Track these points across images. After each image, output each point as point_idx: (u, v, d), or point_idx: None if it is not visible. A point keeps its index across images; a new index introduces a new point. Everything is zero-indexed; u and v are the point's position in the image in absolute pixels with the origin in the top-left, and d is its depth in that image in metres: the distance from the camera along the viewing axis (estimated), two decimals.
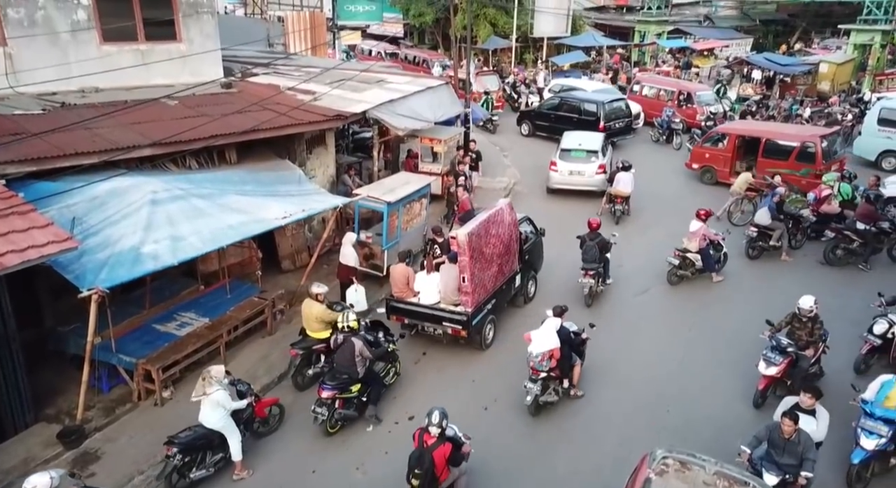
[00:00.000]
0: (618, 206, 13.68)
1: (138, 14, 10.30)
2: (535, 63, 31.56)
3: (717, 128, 16.61)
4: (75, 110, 8.96)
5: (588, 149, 15.31)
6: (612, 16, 41.56)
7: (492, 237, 8.82)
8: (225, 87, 11.14)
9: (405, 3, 32.25)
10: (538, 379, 7.50)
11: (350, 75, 13.39)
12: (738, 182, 13.41)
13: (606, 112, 18.54)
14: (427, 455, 5.68)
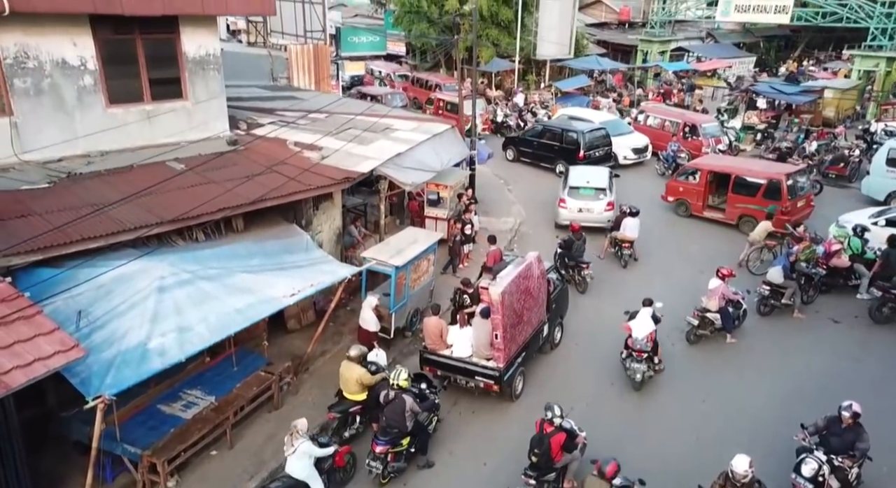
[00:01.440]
0: (625, 251, 13.87)
1: (144, 75, 10.18)
2: (537, 85, 31.53)
3: (690, 164, 17.01)
4: (81, 180, 8.84)
5: (597, 187, 15.61)
6: (613, 33, 41.60)
7: (522, 292, 9.14)
8: (231, 144, 11.02)
9: (407, 23, 32.18)
10: (643, 360, 9.44)
11: (355, 121, 13.28)
12: (758, 230, 13.37)
13: (587, 141, 19.13)
14: (545, 439, 7.12)
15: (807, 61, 39.50)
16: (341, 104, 15.90)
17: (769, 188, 14.89)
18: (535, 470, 7.18)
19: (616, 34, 40.83)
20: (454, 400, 9.33)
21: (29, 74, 8.97)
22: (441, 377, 9.29)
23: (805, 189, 15.45)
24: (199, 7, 10.07)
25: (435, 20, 31.49)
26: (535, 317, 9.71)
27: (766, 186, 14.93)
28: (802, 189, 15.31)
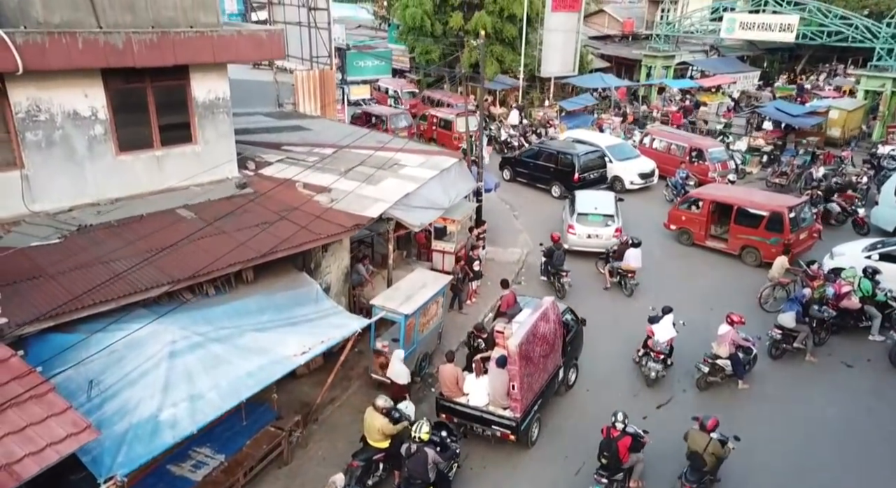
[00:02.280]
0: (630, 281, 14.16)
1: (154, 121, 10.17)
2: (541, 102, 31.51)
3: (692, 193, 16.96)
4: (91, 234, 8.82)
5: (604, 214, 15.92)
6: (617, 47, 41.56)
7: (539, 340, 9.21)
8: (240, 188, 11.00)
9: (411, 40, 32.21)
10: (659, 361, 10.72)
11: (363, 156, 13.26)
12: (776, 266, 13.32)
13: (581, 164, 19.40)
14: (613, 443, 8.04)
15: (815, 76, 39.29)
16: (348, 135, 15.90)
17: (771, 220, 14.87)
18: (606, 470, 8.12)
19: (619, 48, 40.80)
20: (466, 453, 9.27)
21: (40, 127, 8.96)
22: (458, 424, 9.39)
23: (808, 220, 15.39)
24: (209, 56, 10.06)
25: (439, 37, 31.55)
26: (551, 363, 9.82)
27: (769, 218, 14.92)
28: (805, 220, 15.27)
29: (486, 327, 10.76)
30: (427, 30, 30.59)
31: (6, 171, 8.81)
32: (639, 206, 19.46)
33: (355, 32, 40.05)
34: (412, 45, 32.43)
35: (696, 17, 33.63)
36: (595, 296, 14.15)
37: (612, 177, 20.47)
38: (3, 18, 8.26)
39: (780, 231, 14.67)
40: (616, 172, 20.43)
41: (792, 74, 40.93)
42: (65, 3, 8.80)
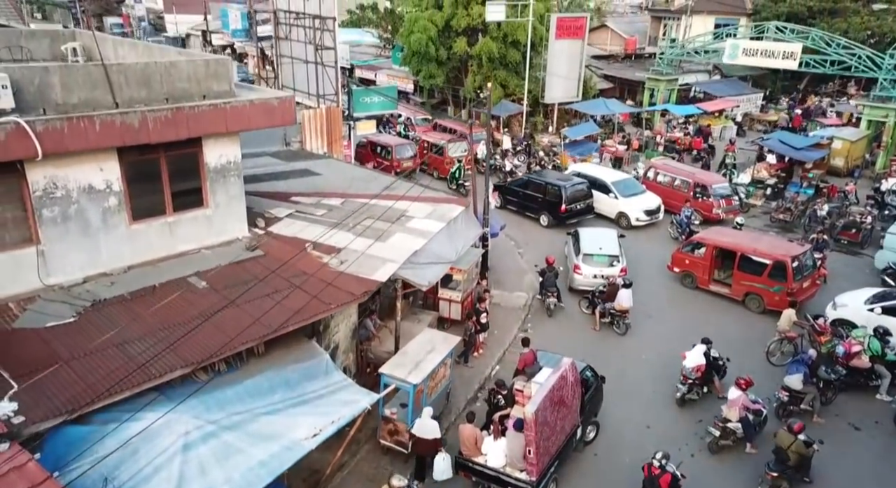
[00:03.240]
0: (623, 321, 14.68)
1: (167, 189, 10.30)
2: (545, 127, 31.64)
3: (695, 237, 17.03)
4: (105, 309, 8.93)
5: (609, 254, 16.27)
6: (620, 67, 41.65)
7: (556, 403, 9.44)
8: (249, 250, 11.11)
9: (415, 64, 32.38)
10: (686, 384, 11.83)
11: (370, 207, 13.37)
12: (783, 320, 13.40)
13: (568, 195, 19.97)
14: (655, 480, 8.94)
15: (818, 98, 39.27)
16: (355, 180, 16.06)
17: (774, 268, 14.95)
18: None
19: (622, 68, 40.91)
20: None
21: (57, 203, 9.09)
22: (475, 483, 9.72)
23: (811, 268, 15.48)
24: (222, 127, 10.21)
25: (443, 61, 31.73)
26: (569, 424, 10.06)
27: (772, 267, 14.98)
28: (808, 268, 15.36)
29: (506, 384, 10.90)
30: (432, 55, 30.76)
31: (23, 248, 8.94)
32: (643, 244, 19.56)
33: (358, 50, 40.22)
34: (416, 68, 32.61)
35: (698, 43, 33.72)
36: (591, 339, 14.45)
37: (618, 213, 20.58)
38: (23, 103, 8.39)
39: (784, 280, 14.76)
40: (621, 208, 20.52)
41: (796, 95, 40.93)
42: (83, 84, 8.94)
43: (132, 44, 12.56)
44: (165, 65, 9.79)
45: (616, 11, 75.98)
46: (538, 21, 29.91)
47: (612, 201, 20.65)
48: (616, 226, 20.03)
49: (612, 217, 20.72)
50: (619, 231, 18.54)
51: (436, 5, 30.45)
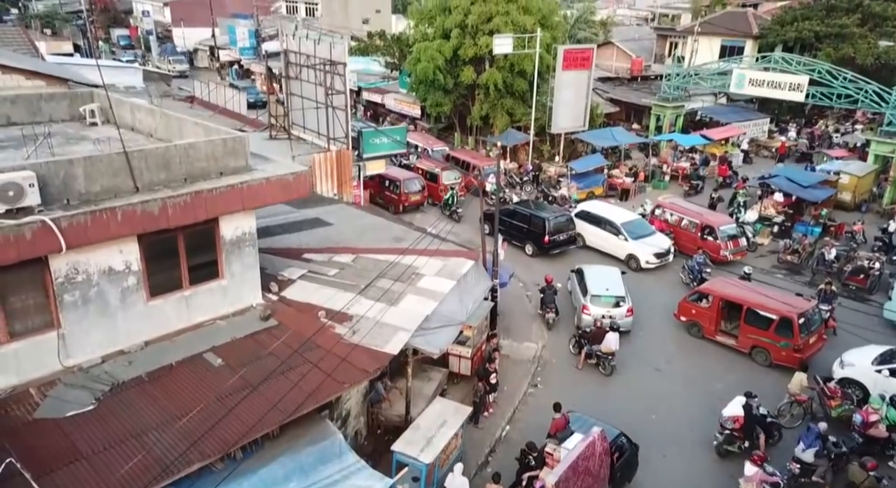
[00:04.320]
0: (610, 362, 15.25)
1: (184, 264, 10.46)
2: (551, 156, 31.75)
3: (701, 288, 17.11)
4: (123, 393, 9.08)
5: (616, 295, 16.89)
6: (625, 90, 41.73)
7: (581, 473, 9.60)
8: (264, 320, 11.26)
9: (423, 93, 32.58)
10: (723, 433, 12.31)
11: (381, 262, 13.54)
12: (794, 383, 13.49)
13: (551, 227, 20.96)
14: None
15: (825, 123, 39.24)
16: (366, 231, 16.24)
17: (781, 324, 15.03)
18: None
19: (628, 92, 41.01)
20: None
21: (77, 287, 9.25)
22: None
23: (818, 323, 15.55)
24: (239, 206, 10.38)
25: (450, 90, 31.92)
26: None
27: (778, 322, 15.07)
28: (815, 323, 15.43)
29: (537, 446, 11.08)
30: (439, 83, 30.95)
31: (44, 333, 9.10)
32: (652, 286, 19.64)
33: (364, 75, 40.39)
34: (423, 96, 32.82)
35: (704, 72, 33.82)
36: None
37: (628, 255, 20.66)
38: (48, 196, 8.58)
39: (790, 335, 14.84)
40: (631, 250, 20.58)
41: (800, 121, 40.88)
42: (105, 172, 9.13)
43: (149, 110, 12.74)
44: (184, 146, 9.98)
45: (623, 23, 76.38)
46: (545, 50, 30.08)
47: (622, 243, 20.74)
48: (626, 268, 20.15)
49: (622, 258, 20.80)
50: (622, 268, 19.02)
51: (443, 35, 30.66)
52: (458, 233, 21.43)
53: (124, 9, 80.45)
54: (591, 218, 21.84)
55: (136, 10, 75.41)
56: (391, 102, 37.23)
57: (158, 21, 70.29)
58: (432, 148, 30.40)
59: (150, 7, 72.04)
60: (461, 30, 30.12)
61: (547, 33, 30.78)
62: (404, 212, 25.15)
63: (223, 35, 57.89)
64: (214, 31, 58.49)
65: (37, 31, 63.25)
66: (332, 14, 64.44)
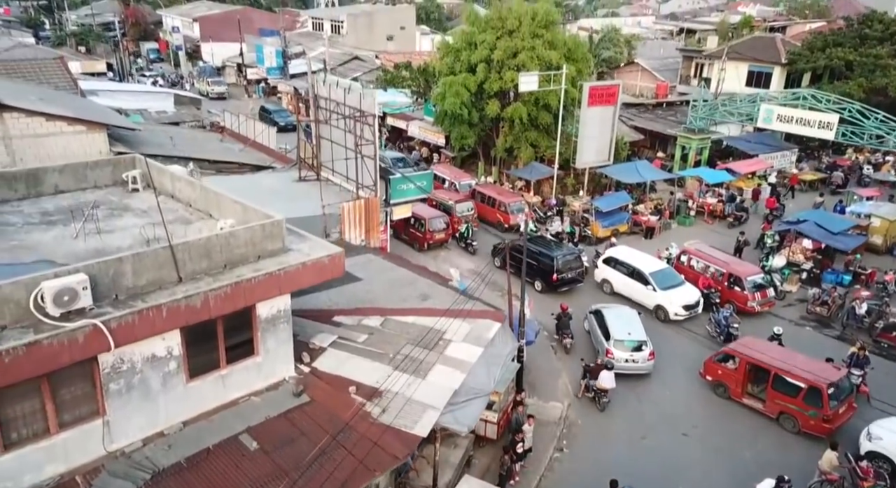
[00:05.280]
0: (603, 399, 16.24)
1: (222, 345, 10.76)
2: (575, 190, 31.72)
3: (727, 349, 16.94)
4: (164, 483, 9.39)
5: (639, 340, 17.47)
6: (650, 119, 41.35)
7: None
8: (296, 395, 11.52)
9: (447, 126, 32.82)
10: None
11: (408, 327, 13.74)
12: (824, 461, 13.37)
13: (559, 265, 21.52)
14: None
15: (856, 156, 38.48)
16: (394, 285, 16.48)
17: (810, 392, 14.85)
18: None
19: (653, 121, 40.68)
20: None
21: (122, 376, 9.59)
22: None
23: (848, 392, 15.35)
24: (276, 291, 10.68)
25: (475, 123, 32.11)
26: None
27: (807, 391, 14.90)
28: (845, 392, 15.24)
29: None
30: (464, 118, 31.17)
31: (90, 421, 9.45)
32: (678, 339, 19.53)
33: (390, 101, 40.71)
34: (448, 128, 33.07)
35: (731, 107, 33.54)
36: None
37: (655, 306, 20.56)
38: (98, 293, 8.94)
39: (819, 405, 14.65)
40: (659, 301, 20.46)
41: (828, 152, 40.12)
42: (151, 266, 9.49)
43: (189, 182, 13.13)
44: (225, 236, 10.31)
45: (647, 36, 75.83)
46: (570, 84, 30.12)
47: (650, 293, 20.61)
48: (654, 319, 20.14)
49: (650, 308, 20.69)
50: (638, 309, 19.53)
51: (469, 69, 30.88)
52: (470, 263, 23.29)
53: (154, 20, 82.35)
54: (619, 265, 21.77)
55: (167, 24, 77.16)
56: (415, 130, 37.55)
57: (187, 36, 71.80)
58: (459, 181, 30.59)
59: (180, 23, 73.62)
60: (487, 64, 30.32)
61: (572, 66, 30.83)
62: (429, 249, 25.43)
63: (250, 52, 58.89)
64: (242, 48, 59.48)
65: (71, 48, 65.23)
66: (357, 31, 65.20)
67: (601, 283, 22.36)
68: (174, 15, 75.40)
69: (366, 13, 68.01)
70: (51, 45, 63.22)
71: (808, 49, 40.74)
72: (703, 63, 50.85)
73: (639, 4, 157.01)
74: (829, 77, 40.28)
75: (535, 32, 30.28)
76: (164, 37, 77.99)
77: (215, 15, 71.00)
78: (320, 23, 67.94)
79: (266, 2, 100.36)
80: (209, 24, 69.00)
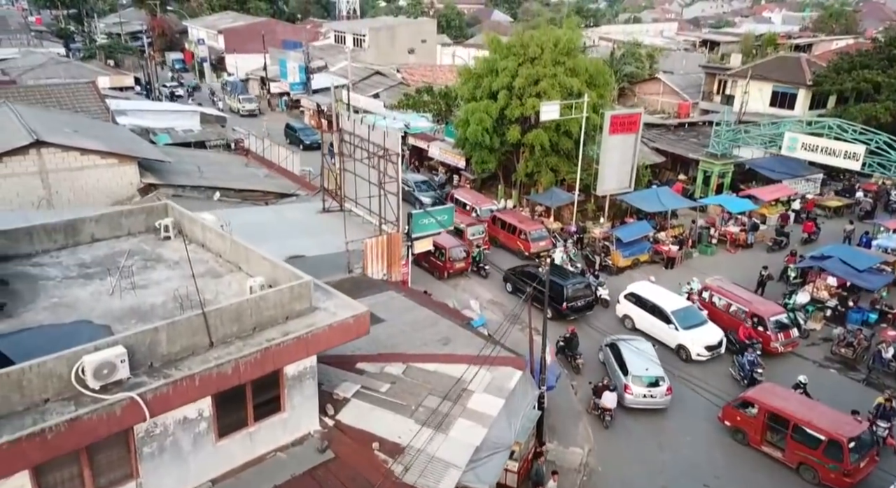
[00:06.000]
0: (608, 418, 17.32)
1: (250, 404, 11.02)
2: (596, 216, 31.67)
3: (747, 396, 16.79)
4: None
5: (657, 376, 17.88)
6: (672, 141, 41.05)
7: None
8: (321, 451, 11.74)
9: (469, 150, 33.01)
10: None
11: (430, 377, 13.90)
12: None
13: (569, 294, 21.92)
14: None
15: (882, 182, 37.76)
16: (416, 326, 16.66)
17: (830, 445, 14.72)
18: None
19: (675, 143, 40.35)
20: None
21: (155, 439, 9.88)
22: None
23: (870, 445, 15.17)
24: (304, 353, 10.92)
25: (496, 149, 32.24)
26: None
27: (827, 444, 14.77)
28: (867, 446, 15.07)
29: None
30: (486, 144, 31.32)
31: (125, 484, 9.75)
32: (699, 379, 19.34)
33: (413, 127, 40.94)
34: (469, 153, 33.25)
35: (754, 133, 33.23)
36: None
37: (677, 346, 20.47)
38: (135, 362, 9.25)
39: (840, 459, 14.50)
40: (681, 341, 20.34)
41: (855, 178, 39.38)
42: (185, 333, 9.79)
43: (219, 234, 13.45)
44: (255, 300, 10.59)
45: (671, 48, 75.23)
46: (591, 110, 30.11)
47: (672, 332, 20.51)
48: (676, 358, 20.09)
49: (671, 347, 20.59)
50: (653, 343, 19.77)
51: (490, 95, 31.04)
52: (486, 291, 24.23)
53: (179, 30, 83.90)
54: (640, 301, 21.71)
55: (192, 35, 78.55)
56: (436, 151, 37.80)
57: (212, 47, 73.07)
58: (480, 206, 30.74)
59: (205, 35, 74.96)
60: (508, 91, 30.45)
61: (594, 92, 30.84)
62: (449, 277, 25.61)
63: (273, 65, 59.67)
64: (266, 62, 60.24)
65: (100, 61, 66.82)
66: (379, 45, 65.80)
67: (622, 319, 22.33)
68: (200, 26, 76.70)
69: (388, 27, 68.59)
70: (80, 58, 64.91)
71: (835, 71, 40.21)
72: (725, 80, 50.43)
73: (661, 8, 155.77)
74: (856, 99, 39.71)
75: (557, 59, 30.38)
76: (189, 47, 79.44)
77: (240, 27, 72.12)
78: (343, 36, 68.64)
79: (289, 9, 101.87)
80: (234, 36, 70.11)
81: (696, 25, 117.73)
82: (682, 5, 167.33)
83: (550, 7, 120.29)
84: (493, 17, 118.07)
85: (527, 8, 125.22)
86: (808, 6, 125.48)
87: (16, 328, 10.45)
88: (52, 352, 8.95)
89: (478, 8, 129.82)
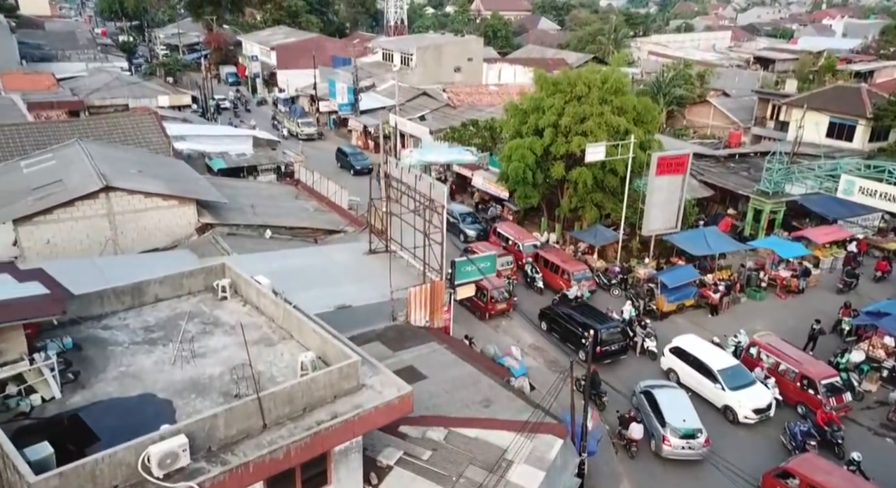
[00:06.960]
0: (633, 449, 18.14)
1: (298, 480, 11.46)
2: (641, 255, 31.24)
3: (788, 467, 16.37)
4: None
5: (694, 428, 17.92)
6: (721, 174, 39.94)
7: None
8: None
9: (511, 184, 33.07)
10: None
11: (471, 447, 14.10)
12: None
13: (603, 338, 21.99)
14: None
15: None
16: (457, 384, 16.92)
17: None
18: None
19: (725, 176, 39.32)
20: None
21: None
22: None
23: None
24: (350, 435, 11.31)
25: (539, 184, 32.23)
26: None
27: None
28: None
29: None
30: (529, 180, 31.37)
31: None
32: (747, 442, 18.95)
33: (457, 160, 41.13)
34: (513, 187, 33.34)
35: (809, 174, 32.19)
36: None
37: (724, 406, 19.99)
38: (194, 447, 9.81)
39: None
40: (728, 402, 19.76)
41: None
42: (241, 417, 10.33)
43: (273, 301, 14.02)
44: (307, 382, 11.07)
45: (722, 65, 73.33)
46: (638, 148, 29.78)
47: (718, 392, 20.01)
48: (724, 419, 19.73)
49: (717, 407, 20.15)
50: (688, 392, 19.91)
51: (536, 132, 31.08)
52: (528, 335, 24.49)
53: (234, 42, 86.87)
54: (685, 356, 21.33)
55: (247, 50, 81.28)
56: (480, 181, 38.03)
57: (264, 63, 75.45)
58: (523, 242, 30.80)
59: (259, 51, 77.51)
60: (554, 128, 30.43)
61: (640, 129, 30.52)
62: (490, 318, 25.79)
63: (322, 82, 61.08)
64: (316, 79, 61.70)
65: (160, 78, 69.96)
66: (426, 64, 66.56)
67: (667, 372, 22.00)
68: (254, 42, 79.26)
69: (435, 46, 69.30)
70: (142, 75, 68.09)
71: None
72: (779, 105, 48.96)
73: (714, 14, 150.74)
74: None
75: (605, 98, 30.20)
76: (241, 61, 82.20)
77: (292, 43, 74.18)
78: (390, 53, 69.72)
79: (339, 19, 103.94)
80: (286, 52, 72.22)
81: (752, 33, 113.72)
82: (737, 10, 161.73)
83: (599, 14, 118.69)
84: (539, 26, 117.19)
85: (574, 15, 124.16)
86: (874, 13, 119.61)
87: (88, 399, 11.21)
88: (122, 426, 9.63)
89: (525, 16, 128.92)
